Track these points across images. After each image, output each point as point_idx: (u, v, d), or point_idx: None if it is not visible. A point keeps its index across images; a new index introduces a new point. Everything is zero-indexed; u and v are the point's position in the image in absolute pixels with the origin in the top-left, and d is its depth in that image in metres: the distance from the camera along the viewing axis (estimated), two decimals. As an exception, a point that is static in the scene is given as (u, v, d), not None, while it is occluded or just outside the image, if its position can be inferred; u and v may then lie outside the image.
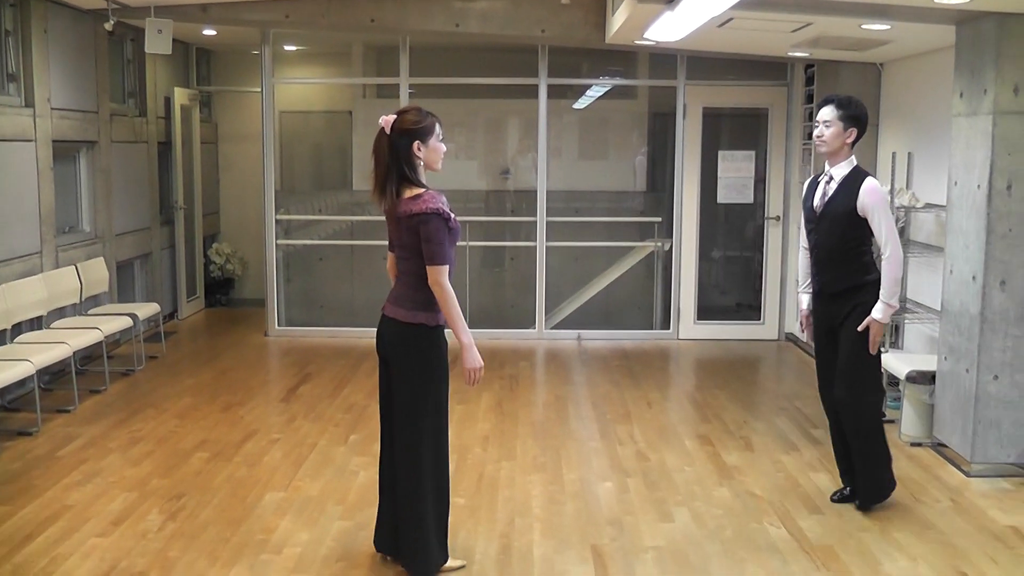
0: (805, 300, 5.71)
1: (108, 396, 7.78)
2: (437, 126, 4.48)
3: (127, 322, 8.36)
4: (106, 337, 7.91)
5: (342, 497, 5.63)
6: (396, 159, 4.40)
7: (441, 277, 4.34)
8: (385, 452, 4.70)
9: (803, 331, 5.81)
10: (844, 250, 5.37)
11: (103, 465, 6.13)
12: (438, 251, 4.32)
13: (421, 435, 4.49)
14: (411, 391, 4.51)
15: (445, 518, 4.66)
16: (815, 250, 5.50)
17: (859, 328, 5.30)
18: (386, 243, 4.68)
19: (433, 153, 4.46)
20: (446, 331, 4.56)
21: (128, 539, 5.00)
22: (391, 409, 4.62)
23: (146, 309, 8.94)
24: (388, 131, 4.42)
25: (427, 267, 4.35)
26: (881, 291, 5.26)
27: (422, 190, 4.40)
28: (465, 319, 4.49)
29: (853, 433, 5.44)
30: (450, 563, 4.67)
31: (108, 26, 8.34)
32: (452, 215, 4.39)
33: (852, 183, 5.29)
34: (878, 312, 5.25)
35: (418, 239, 4.34)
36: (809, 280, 5.64)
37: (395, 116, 4.45)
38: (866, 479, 5.49)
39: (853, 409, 5.40)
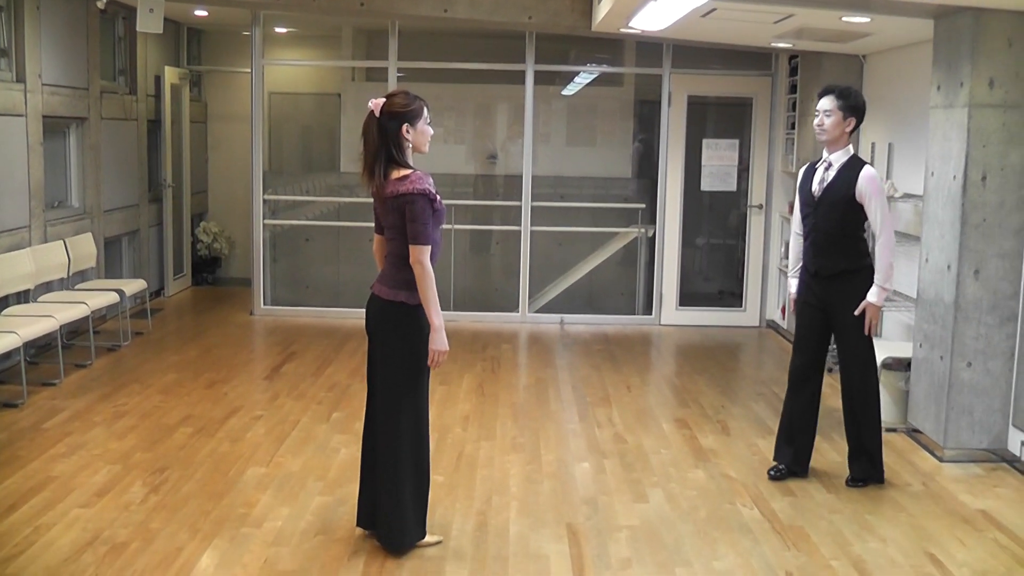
0: (794, 284, 5.87)
1: (93, 371, 7.85)
2: (425, 110, 4.59)
3: (114, 298, 8.44)
4: (93, 312, 7.99)
5: (323, 473, 5.72)
6: (385, 141, 4.50)
7: (422, 256, 4.43)
8: (368, 429, 4.79)
9: (784, 318, 5.95)
10: (842, 235, 5.54)
11: (87, 438, 6.22)
12: (421, 231, 4.42)
13: (401, 412, 4.59)
14: (392, 368, 4.61)
15: (424, 495, 4.76)
16: (812, 233, 5.64)
17: (855, 312, 5.48)
18: (372, 225, 4.78)
19: (421, 136, 4.57)
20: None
21: (111, 510, 5.08)
22: (375, 387, 4.71)
23: (133, 285, 9.01)
24: (377, 114, 4.52)
25: (409, 246, 4.43)
26: (876, 275, 5.46)
27: (409, 171, 4.50)
28: (450, 301, 4.60)
29: (863, 412, 5.66)
30: (427, 539, 4.77)
31: (100, 4, 8.41)
32: (438, 196, 4.48)
33: (850, 170, 5.46)
34: (873, 296, 5.45)
35: (403, 219, 4.43)
36: (800, 265, 5.78)
37: (384, 99, 4.55)
38: (863, 460, 5.70)
39: (865, 393, 5.65)
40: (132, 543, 4.70)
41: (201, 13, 10.39)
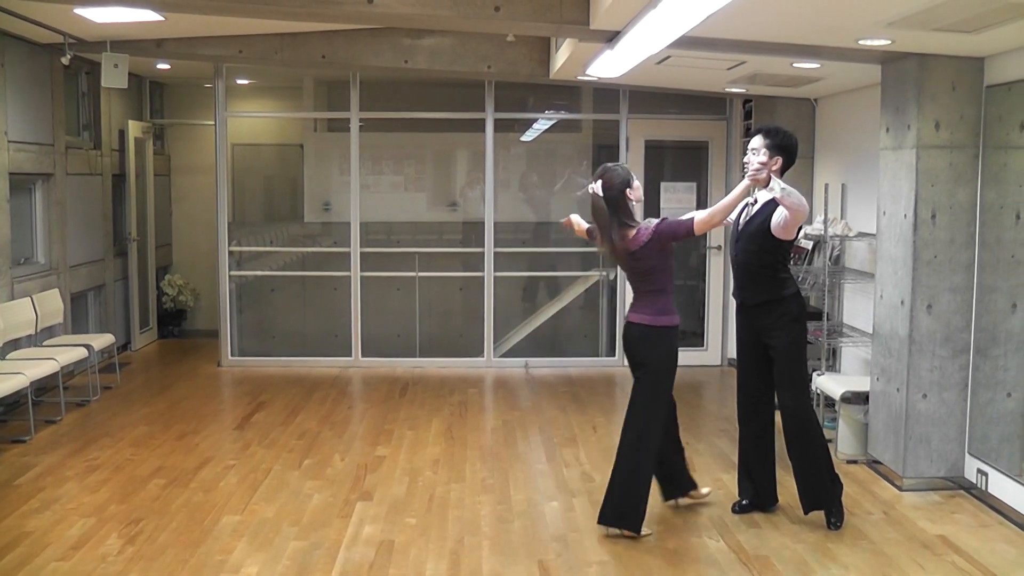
0: None
1: (64, 426, 7.88)
2: (632, 174, 5.57)
3: (82, 353, 8.47)
4: (62, 368, 8.01)
5: (297, 519, 5.80)
6: (615, 210, 5.47)
7: (697, 226, 5.45)
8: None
9: None
10: (759, 265, 5.66)
11: (60, 492, 6.25)
12: (679, 222, 5.48)
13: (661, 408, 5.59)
14: (653, 376, 5.51)
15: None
16: (734, 266, 5.82)
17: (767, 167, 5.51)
18: (337, 274, 4.94)
19: (636, 192, 5.55)
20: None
21: (88, 563, 5.13)
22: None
23: (101, 340, 9.02)
24: (601, 192, 5.44)
25: (694, 227, 5.44)
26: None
27: (636, 226, 5.48)
28: (416, 348, 4.84)
29: (797, 437, 5.69)
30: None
31: (65, 60, 8.49)
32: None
33: (771, 206, 5.55)
34: (775, 184, 5.41)
35: (661, 259, 5.44)
36: None
37: (599, 179, 5.50)
38: (809, 483, 5.71)
39: (798, 414, 5.66)
40: (111, 593, 4.76)
41: (164, 66, 10.50)
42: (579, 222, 6.10)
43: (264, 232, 11.53)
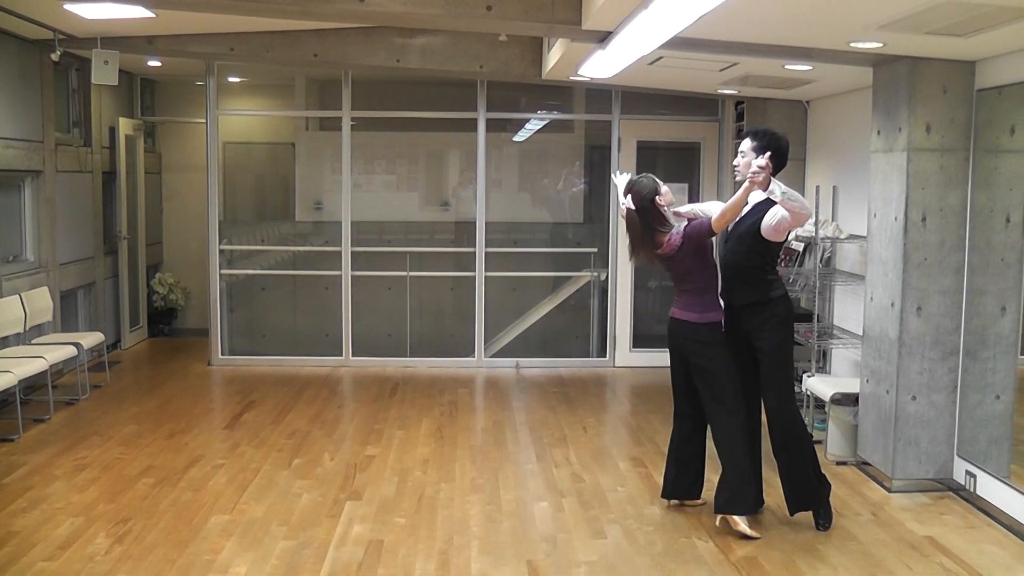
0: None
1: (52, 425, 7.85)
2: (658, 181, 5.73)
3: (71, 351, 8.45)
4: (51, 366, 7.99)
5: (286, 518, 5.79)
6: (647, 220, 5.65)
7: (714, 223, 5.50)
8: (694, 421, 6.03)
9: None
10: (747, 266, 5.65)
11: (48, 492, 6.23)
12: (700, 222, 5.57)
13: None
14: (712, 371, 5.68)
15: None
16: (723, 267, 5.78)
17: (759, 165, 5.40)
18: (327, 273, 4.92)
19: (667, 196, 5.70)
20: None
21: (76, 562, 5.11)
22: (690, 386, 5.89)
23: (90, 338, 8.99)
24: (634, 206, 5.67)
25: (712, 225, 5.50)
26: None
27: (668, 233, 5.63)
28: (407, 347, 4.81)
29: (783, 439, 5.68)
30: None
31: (55, 56, 8.47)
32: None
33: (763, 207, 5.54)
34: (776, 186, 5.33)
35: (697, 259, 5.60)
36: None
37: (629, 194, 5.70)
38: (795, 485, 5.71)
39: (783, 416, 5.64)
40: (98, 592, 4.75)
41: (155, 63, 10.48)
42: None
43: (255, 231, 11.51)
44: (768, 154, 5.40)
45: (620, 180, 5.89)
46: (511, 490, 6.39)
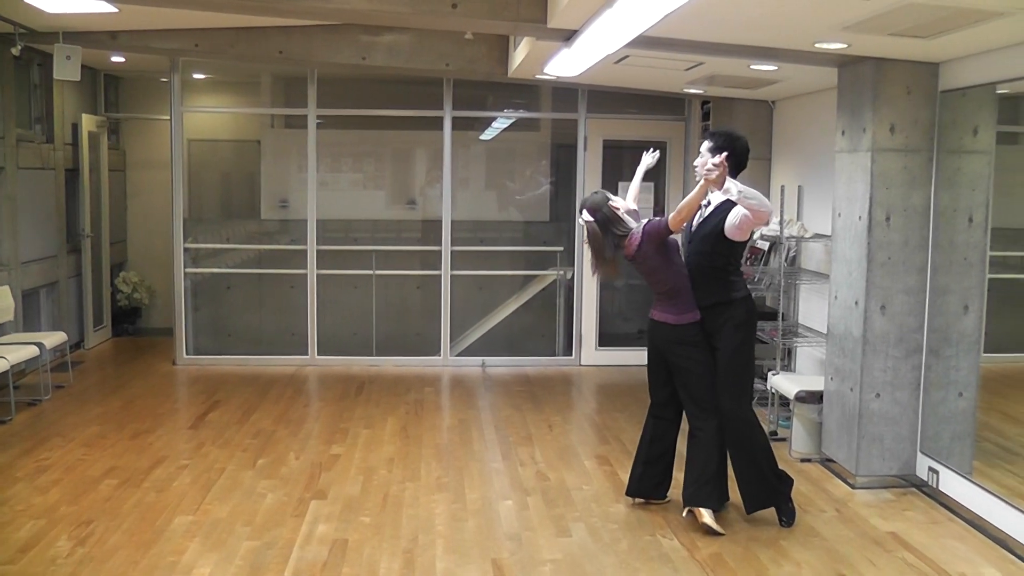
0: None
1: (14, 426, 7.77)
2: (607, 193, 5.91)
3: (34, 351, 8.35)
4: (12, 366, 7.90)
5: (250, 519, 5.75)
6: (607, 230, 5.76)
7: (670, 221, 5.54)
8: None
9: None
10: (711, 267, 5.67)
11: (9, 494, 6.15)
12: (659, 220, 5.65)
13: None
14: (691, 370, 5.73)
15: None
16: (687, 268, 5.78)
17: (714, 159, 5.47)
18: (293, 272, 4.89)
19: (615, 202, 5.82)
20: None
21: (37, 565, 5.05)
22: (671, 383, 5.95)
23: (53, 338, 8.90)
24: (591, 219, 5.78)
25: (669, 223, 5.54)
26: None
27: (628, 234, 5.74)
28: (372, 346, 4.77)
29: (736, 441, 5.71)
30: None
31: (15, 51, 8.37)
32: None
33: (724, 208, 5.56)
34: (732, 185, 5.33)
35: (660, 258, 5.65)
36: None
37: (584, 209, 5.86)
38: (750, 486, 5.74)
39: (737, 417, 5.67)
40: (59, 594, 4.70)
41: (118, 59, 10.40)
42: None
43: (220, 229, 11.42)
44: (724, 154, 5.45)
45: (651, 158, 6.31)
46: (476, 489, 6.38)
